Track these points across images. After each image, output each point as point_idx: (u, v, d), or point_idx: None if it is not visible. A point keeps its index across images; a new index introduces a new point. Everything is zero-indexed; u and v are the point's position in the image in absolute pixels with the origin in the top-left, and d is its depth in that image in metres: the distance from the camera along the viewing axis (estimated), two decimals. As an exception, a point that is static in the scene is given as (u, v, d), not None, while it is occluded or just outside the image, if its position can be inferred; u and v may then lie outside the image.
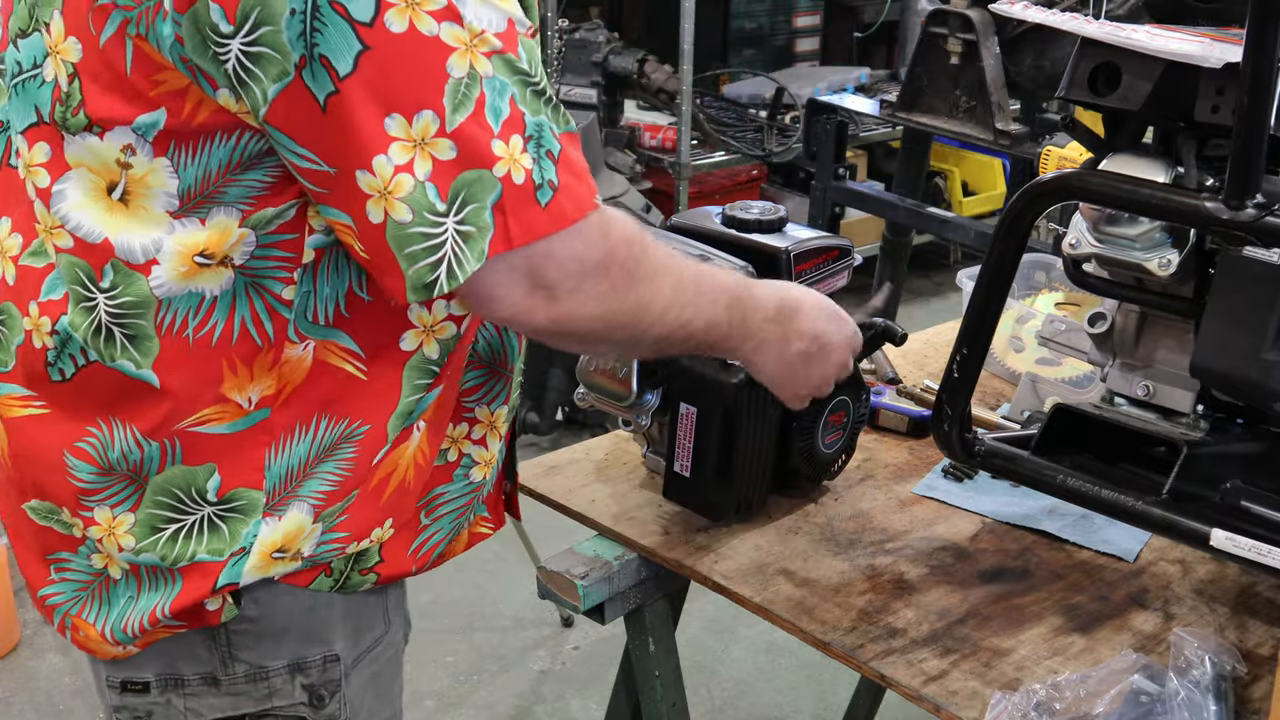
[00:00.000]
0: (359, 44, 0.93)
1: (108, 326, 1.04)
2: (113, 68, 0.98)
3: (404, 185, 0.95)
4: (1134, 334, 1.37)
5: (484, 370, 1.24)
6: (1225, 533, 1.19)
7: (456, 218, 0.97)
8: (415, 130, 0.95)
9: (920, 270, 5.17)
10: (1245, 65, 1.09)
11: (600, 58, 4.36)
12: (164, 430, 1.07)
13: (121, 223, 1.02)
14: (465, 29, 0.95)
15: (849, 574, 1.40)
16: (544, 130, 1.00)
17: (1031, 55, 3.08)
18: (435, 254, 0.97)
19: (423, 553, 1.23)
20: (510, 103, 0.98)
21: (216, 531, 1.10)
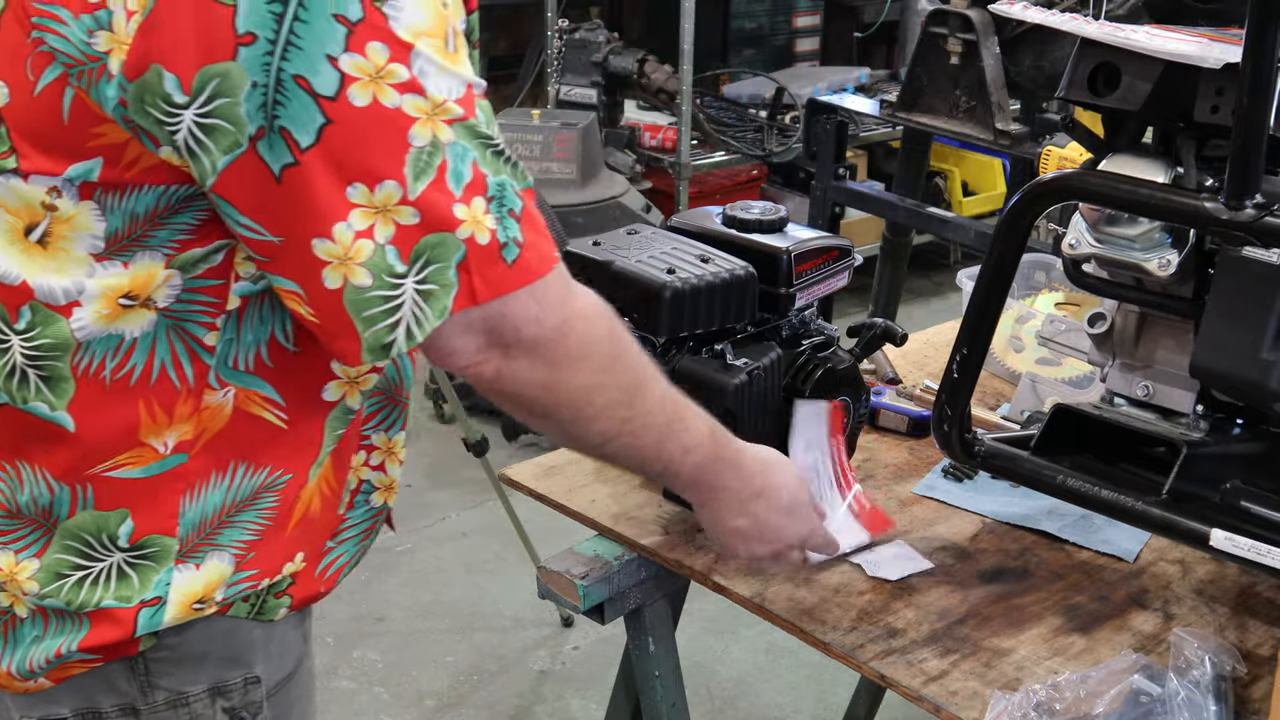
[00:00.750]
0: (322, 117, 0.93)
1: (22, 369, 1.02)
2: (48, 115, 0.96)
3: (364, 250, 0.95)
4: (1134, 334, 1.37)
5: (381, 397, 1.22)
6: (1225, 533, 1.19)
7: (417, 277, 0.97)
8: (377, 199, 0.95)
9: (920, 270, 5.17)
10: (1245, 65, 1.09)
11: (600, 58, 4.36)
12: (77, 474, 1.04)
13: (40, 264, 1.00)
14: (428, 100, 0.95)
15: (849, 574, 1.40)
16: (506, 189, 1.00)
17: (1031, 55, 3.08)
18: (394, 315, 0.97)
19: (329, 575, 1.21)
20: (472, 166, 0.98)
21: (125, 579, 1.08)
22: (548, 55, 4.61)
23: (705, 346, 1.44)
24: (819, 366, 1.50)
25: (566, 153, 3.91)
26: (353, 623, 3.11)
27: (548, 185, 3.87)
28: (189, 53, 0.91)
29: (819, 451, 1.48)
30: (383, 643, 3.05)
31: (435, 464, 3.84)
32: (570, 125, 3.94)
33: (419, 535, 3.49)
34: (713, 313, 1.43)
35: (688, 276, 1.41)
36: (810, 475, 1.46)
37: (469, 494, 3.65)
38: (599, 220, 3.86)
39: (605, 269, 1.44)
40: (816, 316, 1.57)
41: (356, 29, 0.92)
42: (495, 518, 3.34)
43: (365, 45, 0.92)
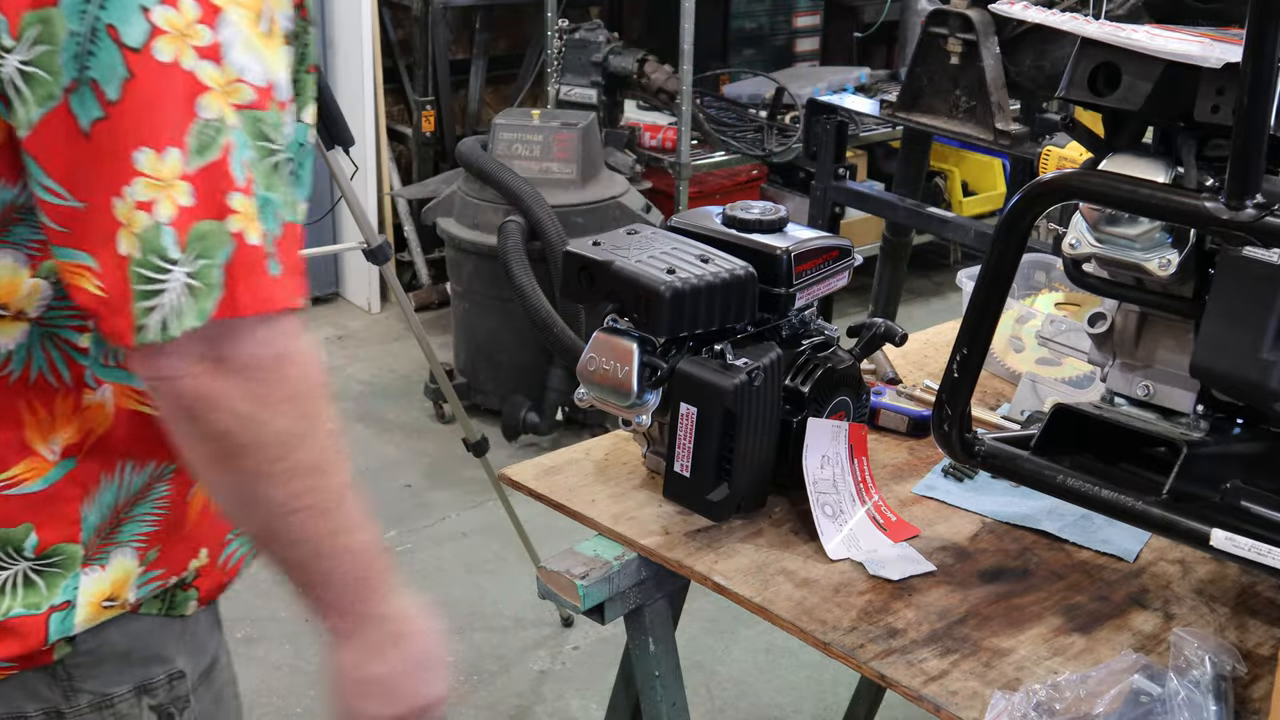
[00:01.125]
0: (125, 70, 0.91)
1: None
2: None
3: (140, 222, 0.92)
4: (1134, 334, 1.37)
5: None
6: (1225, 533, 1.19)
7: (188, 269, 0.93)
8: (164, 168, 0.92)
9: (920, 270, 5.17)
10: (1245, 65, 1.09)
11: (600, 58, 4.36)
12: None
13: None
14: (223, 71, 0.93)
15: (849, 574, 1.40)
16: (271, 206, 0.96)
17: (1031, 55, 3.08)
18: (154, 299, 0.93)
19: (231, 565, 1.20)
20: (244, 165, 0.95)
21: (32, 586, 1.07)
22: (548, 55, 4.61)
23: (705, 346, 1.44)
24: (819, 366, 1.51)
25: (566, 153, 3.91)
26: (353, 623, 3.11)
27: (548, 185, 3.87)
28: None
29: (837, 467, 1.48)
30: (383, 643, 3.04)
31: (435, 464, 3.84)
32: (570, 125, 3.94)
33: (419, 535, 3.49)
34: (713, 313, 1.43)
35: (688, 276, 1.41)
36: (827, 489, 1.46)
37: (469, 494, 3.65)
38: (599, 220, 3.86)
39: (605, 269, 1.44)
40: (816, 316, 1.57)
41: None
42: (495, 518, 3.34)
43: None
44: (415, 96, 4.78)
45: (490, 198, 3.88)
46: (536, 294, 3.67)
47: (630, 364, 1.43)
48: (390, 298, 4.75)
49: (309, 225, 1.13)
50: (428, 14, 4.66)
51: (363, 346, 4.60)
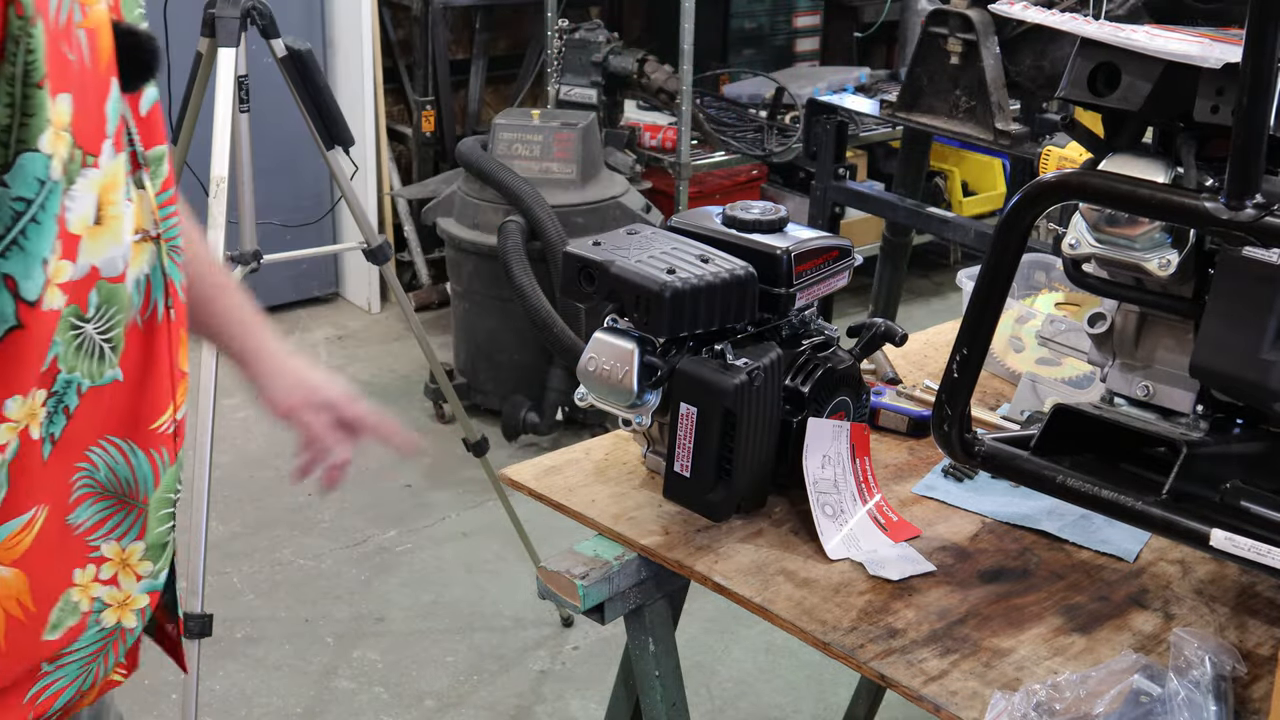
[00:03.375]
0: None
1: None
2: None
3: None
4: (1134, 334, 1.37)
5: (109, 502, 1.12)
6: (1225, 533, 1.19)
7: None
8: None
9: (920, 270, 5.18)
10: (1245, 65, 1.09)
11: (600, 58, 4.36)
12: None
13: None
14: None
15: (849, 574, 1.40)
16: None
17: (1031, 55, 3.08)
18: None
19: (43, 699, 1.09)
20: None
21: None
22: (548, 55, 4.61)
23: (705, 346, 1.44)
24: (819, 366, 1.51)
25: (566, 153, 3.92)
26: (353, 623, 3.11)
27: (548, 185, 3.88)
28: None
29: (838, 467, 1.48)
30: (383, 643, 3.05)
31: (435, 464, 3.84)
32: (570, 125, 3.94)
33: (419, 535, 3.49)
34: (713, 313, 1.43)
35: (688, 276, 1.41)
36: (828, 489, 1.46)
37: (469, 494, 3.65)
38: (599, 220, 3.86)
39: (605, 269, 1.44)
40: (816, 316, 1.57)
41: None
42: (495, 518, 3.34)
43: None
44: (415, 96, 4.78)
45: (490, 198, 3.88)
46: (536, 294, 3.67)
47: (630, 364, 1.43)
48: (390, 298, 4.75)
49: (309, 225, 1.13)
50: (428, 14, 4.66)
51: (363, 346, 4.60)
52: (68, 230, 0.99)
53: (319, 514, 3.53)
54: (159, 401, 1.14)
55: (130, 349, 1.10)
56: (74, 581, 1.10)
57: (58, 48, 0.94)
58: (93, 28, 1.00)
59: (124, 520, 1.14)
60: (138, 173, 1.11)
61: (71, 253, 1.00)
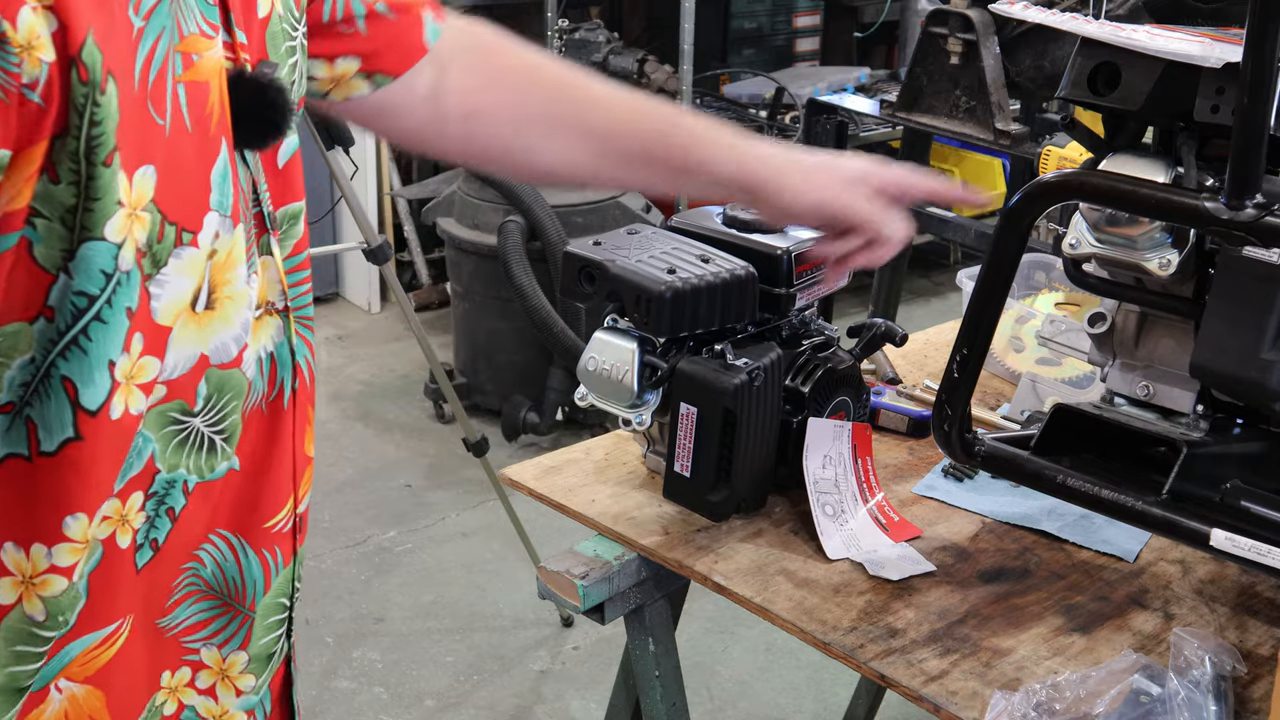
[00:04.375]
0: None
1: None
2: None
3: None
4: (1134, 334, 1.37)
5: (214, 603, 1.02)
6: (1225, 533, 1.19)
7: None
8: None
9: (920, 270, 5.18)
10: (1245, 65, 1.09)
11: (600, 58, 4.36)
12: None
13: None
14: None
15: (849, 574, 1.40)
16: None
17: (1031, 55, 3.08)
18: None
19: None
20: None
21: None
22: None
23: (705, 346, 1.44)
24: (819, 366, 1.51)
25: (566, 153, 3.91)
26: (353, 623, 3.11)
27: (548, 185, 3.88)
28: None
29: (840, 467, 1.48)
30: (383, 643, 3.05)
31: (435, 464, 3.84)
32: (570, 125, 3.94)
33: (419, 535, 3.49)
34: (713, 313, 1.43)
35: (688, 276, 1.41)
36: (829, 489, 1.46)
37: (469, 494, 3.65)
38: (599, 220, 3.86)
39: (605, 269, 1.44)
40: (816, 316, 1.57)
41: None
42: (495, 518, 3.34)
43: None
44: (415, 96, 4.78)
45: (490, 198, 3.88)
46: (536, 294, 3.67)
47: (630, 364, 1.43)
48: (390, 298, 4.75)
49: (309, 225, 1.09)
50: (428, 14, 4.65)
51: (363, 346, 4.60)
52: (154, 322, 0.87)
53: (319, 514, 3.53)
54: (279, 494, 1.03)
55: (249, 435, 0.99)
56: (160, 684, 1.00)
57: (140, 113, 0.82)
58: (200, 80, 0.87)
59: (228, 625, 1.03)
60: (264, 238, 0.98)
61: (158, 348, 0.88)
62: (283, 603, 1.07)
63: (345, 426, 4.03)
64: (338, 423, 4.04)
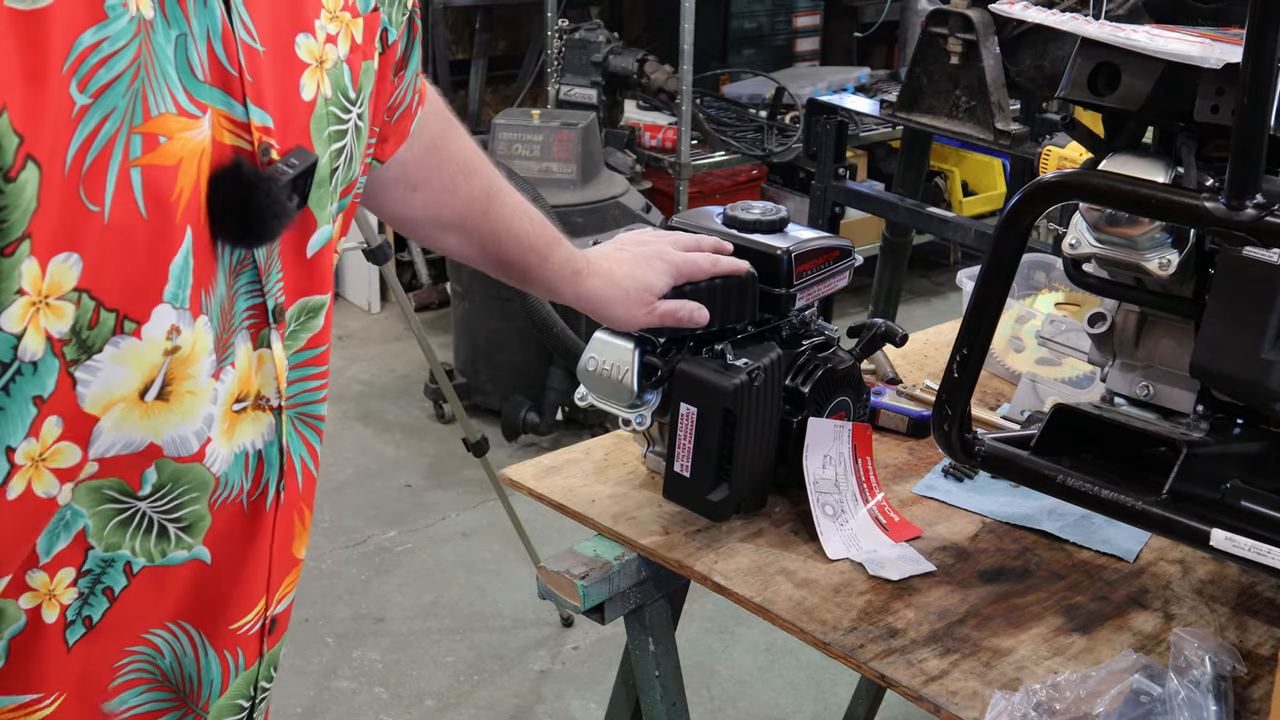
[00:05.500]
0: None
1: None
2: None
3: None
4: (1134, 334, 1.37)
5: (169, 695, 0.97)
6: (1225, 533, 1.19)
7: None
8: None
9: (920, 270, 5.18)
10: (1245, 65, 1.09)
11: (600, 58, 4.36)
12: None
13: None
14: None
15: (849, 574, 1.40)
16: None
17: (1031, 55, 3.08)
18: None
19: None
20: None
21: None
22: (548, 55, 4.61)
23: (705, 346, 1.44)
24: (819, 366, 1.51)
25: (566, 153, 3.92)
26: (353, 623, 3.11)
27: (548, 185, 3.88)
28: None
29: (840, 467, 1.48)
30: (383, 643, 3.05)
31: (435, 464, 3.84)
32: (570, 125, 3.94)
33: (419, 535, 3.49)
34: (713, 313, 1.43)
35: (688, 276, 1.41)
36: (829, 489, 1.46)
37: (469, 494, 3.65)
38: (599, 220, 3.86)
39: (605, 269, 1.43)
40: (817, 316, 1.57)
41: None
42: (495, 518, 3.34)
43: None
44: (415, 96, 4.78)
45: (490, 198, 3.87)
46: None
47: (630, 364, 1.43)
48: (390, 298, 4.75)
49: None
50: (428, 14, 4.66)
51: (363, 346, 4.60)
52: (79, 409, 0.81)
53: (319, 514, 3.53)
54: (250, 594, 0.98)
55: (219, 530, 0.94)
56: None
57: (69, 198, 0.76)
58: (165, 165, 0.81)
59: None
60: (264, 330, 0.93)
61: (80, 435, 0.83)
62: (240, 704, 1.03)
63: (345, 426, 4.03)
64: (338, 423, 4.04)
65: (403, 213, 1.34)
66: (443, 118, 1.30)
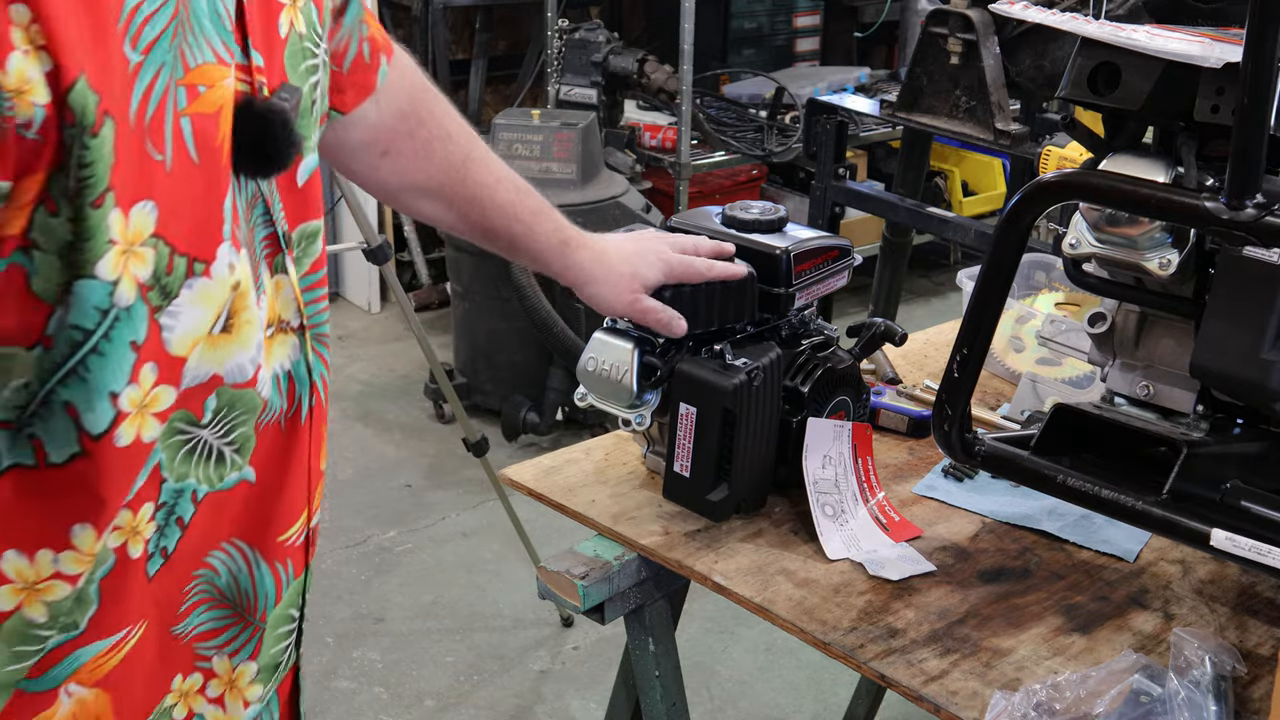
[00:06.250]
0: None
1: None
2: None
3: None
4: (1134, 334, 1.37)
5: (227, 612, 1.03)
6: (1225, 533, 1.19)
7: None
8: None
9: (920, 270, 5.18)
10: (1245, 65, 1.09)
11: (600, 58, 4.36)
12: None
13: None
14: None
15: (849, 574, 1.40)
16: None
17: (1031, 55, 3.08)
18: None
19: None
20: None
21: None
22: (548, 55, 4.61)
23: (705, 346, 1.44)
24: (819, 366, 1.50)
25: (566, 153, 3.92)
26: (353, 623, 3.11)
27: (548, 185, 3.88)
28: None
29: (840, 467, 1.48)
30: (383, 643, 3.05)
31: (435, 464, 3.84)
32: (570, 125, 3.94)
33: (419, 535, 3.49)
34: (713, 313, 1.43)
35: (688, 276, 1.41)
36: (829, 489, 1.46)
37: (469, 494, 3.65)
38: (599, 220, 3.86)
39: (605, 269, 1.43)
40: (816, 316, 1.57)
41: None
42: (495, 518, 3.34)
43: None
44: (415, 96, 4.78)
45: (490, 198, 3.87)
46: (536, 294, 3.67)
47: (630, 364, 1.43)
48: (390, 298, 4.75)
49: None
50: (428, 14, 4.66)
51: (363, 346, 4.60)
52: (167, 353, 0.87)
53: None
54: (293, 507, 1.05)
55: (264, 449, 1.00)
56: (170, 688, 1.01)
57: (137, 150, 0.81)
58: (207, 113, 0.86)
59: (239, 635, 1.04)
60: (278, 256, 0.99)
61: (173, 377, 0.89)
62: (291, 614, 1.08)
63: (345, 426, 4.03)
64: (338, 423, 4.04)
65: (378, 179, 1.33)
66: (417, 84, 1.29)
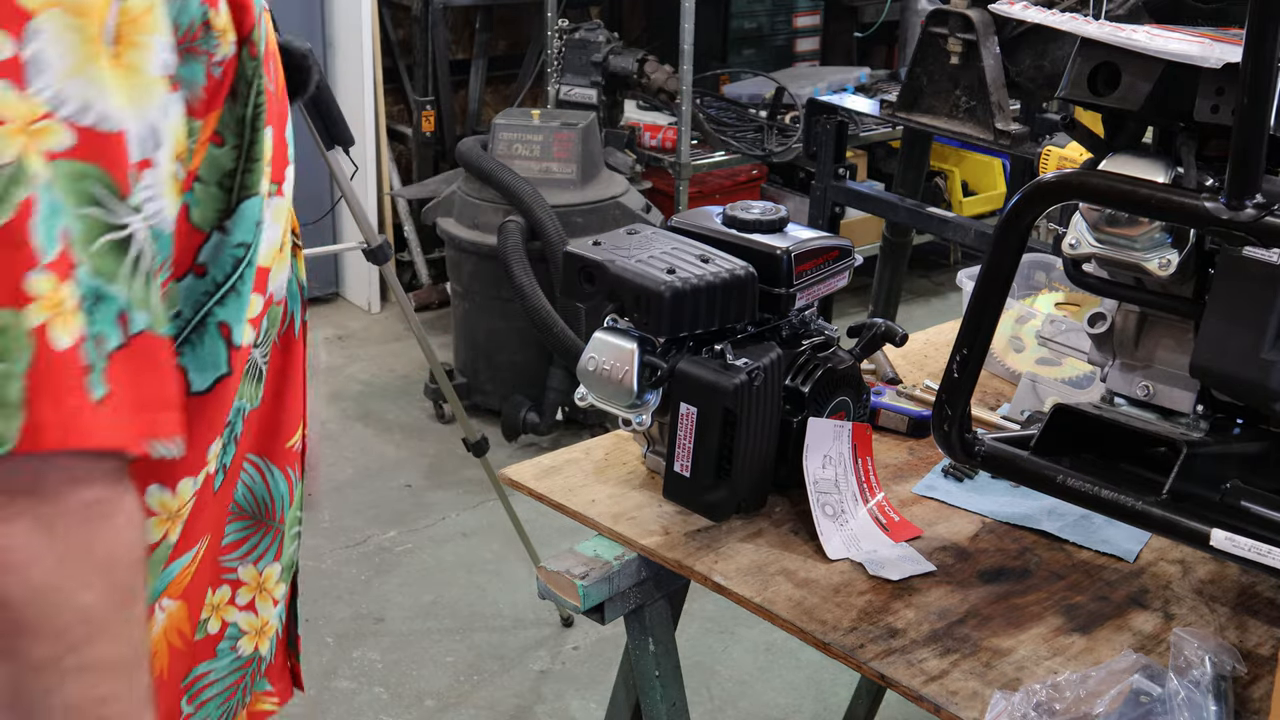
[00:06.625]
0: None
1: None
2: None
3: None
4: (1134, 334, 1.37)
5: (247, 522, 1.05)
6: (1225, 533, 1.19)
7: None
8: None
9: (920, 270, 5.18)
10: (1245, 65, 1.09)
11: (600, 58, 4.36)
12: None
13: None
14: (24, 98, 0.68)
15: (849, 574, 1.40)
16: (106, 306, 0.72)
17: (1031, 55, 3.08)
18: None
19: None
20: (58, 237, 0.69)
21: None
22: (548, 55, 4.61)
23: (705, 346, 1.44)
24: (819, 366, 1.51)
25: (566, 153, 3.92)
26: (353, 623, 3.11)
27: (548, 185, 3.88)
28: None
29: (840, 467, 1.48)
30: (383, 643, 3.05)
31: (435, 464, 3.84)
32: (570, 125, 3.94)
33: (419, 535, 3.49)
34: (713, 313, 1.43)
35: (688, 276, 1.41)
36: (829, 489, 1.46)
37: (469, 494, 3.65)
38: (599, 220, 3.86)
39: (605, 269, 1.44)
40: (816, 316, 1.57)
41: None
42: (495, 518, 3.34)
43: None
44: (415, 96, 4.78)
45: (490, 198, 3.88)
46: (536, 294, 3.67)
47: (630, 364, 1.43)
48: (390, 298, 4.75)
49: (309, 225, 1.12)
50: (428, 14, 4.66)
51: (363, 346, 4.60)
52: (260, 265, 0.94)
53: (319, 514, 3.53)
54: (294, 416, 1.08)
55: (274, 363, 1.04)
56: (203, 601, 1.02)
57: (272, 76, 0.91)
58: (275, 51, 0.95)
59: (261, 542, 1.07)
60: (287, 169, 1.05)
61: (263, 286, 0.94)
62: (299, 514, 1.13)
63: (345, 426, 4.03)
64: (338, 423, 4.04)
65: None
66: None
